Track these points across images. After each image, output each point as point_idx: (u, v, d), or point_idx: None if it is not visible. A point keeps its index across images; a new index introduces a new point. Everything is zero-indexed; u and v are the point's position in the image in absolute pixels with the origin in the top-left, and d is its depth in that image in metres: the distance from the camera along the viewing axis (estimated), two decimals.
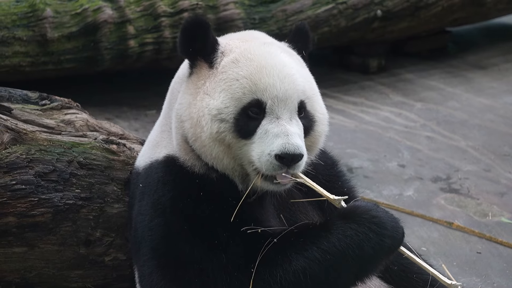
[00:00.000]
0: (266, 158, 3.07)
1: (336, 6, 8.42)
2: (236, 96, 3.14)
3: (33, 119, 3.88)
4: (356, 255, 3.04)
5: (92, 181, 3.75)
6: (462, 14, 9.57)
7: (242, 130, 3.14)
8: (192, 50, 3.26)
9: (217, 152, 3.17)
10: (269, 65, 3.18)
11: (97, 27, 7.38)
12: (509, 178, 6.40)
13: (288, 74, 3.20)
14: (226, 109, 3.13)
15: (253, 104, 3.15)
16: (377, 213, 3.10)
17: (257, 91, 3.15)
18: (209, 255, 3.11)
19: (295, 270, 3.03)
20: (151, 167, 3.41)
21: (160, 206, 3.26)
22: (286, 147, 3.03)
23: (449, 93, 8.70)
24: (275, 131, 3.09)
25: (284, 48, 3.38)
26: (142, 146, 3.97)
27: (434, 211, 5.81)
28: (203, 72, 3.25)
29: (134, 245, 3.44)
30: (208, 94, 3.17)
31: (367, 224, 3.06)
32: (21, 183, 3.57)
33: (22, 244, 3.63)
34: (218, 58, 3.25)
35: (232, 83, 3.16)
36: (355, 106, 8.23)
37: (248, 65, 3.18)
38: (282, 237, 3.10)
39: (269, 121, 3.13)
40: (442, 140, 7.30)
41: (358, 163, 6.66)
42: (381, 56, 9.42)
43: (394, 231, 3.10)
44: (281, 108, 3.15)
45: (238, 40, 3.34)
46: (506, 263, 5.07)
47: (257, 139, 3.12)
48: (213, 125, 3.13)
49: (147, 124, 7.44)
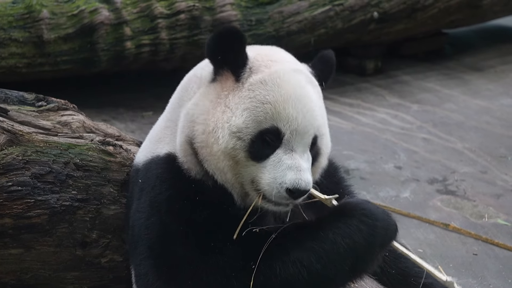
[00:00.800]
0: (276, 187, 3.11)
1: (332, 8, 8.43)
2: (258, 119, 3.14)
3: (30, 120, 3.87)
4: (349, 246, 3.05)
5: (88, 182, 3.74)
6: (459, 16, 9.59)
7: (256, 153, 3.15)
8: (222, 59, 3.23)
9: (223, 165, 3.18)
10: (296, 97, 3.18)
11: (93, 29, 7.38)
12: (505, 180, 6.41)
13: (311, 109, 3.22)
14: (246, 129, 3.13)
15: (272, 131, 3.16)
16: (367, 206, 3.14)
17: (278, 120, 3.15)
18: (204, 257, 3.12)
19: (293, 260, 3.05)
20: (151, 162, 3.40)
21: (157, 204, 3.26)
22: (298, 183, 3.08)
23: (445, 95, 8.71)
24: (289, 163, 3.13)
25: (310, 78, 3.36)
26: (138, 148, 3.96)
27: (431, 213, 5.82)
28: (228, 84, 3.23)
29: (132, 244, 3.43)
30: (230, 109, 3.17)
31: (357, 217, 3.09)
32: (17, 184, 3.56)
33: (18, 245, 3.62)
34: (246, 74, 3.22)
35: (257, 105, 3.16)
36: (351, 108, 8.24)
37: (275, 91, 3.18)
38: (280, 233, 3.12)
39: (284, 151, 3.15)
40: (438, 142, 7.31)
41: (354, 165, 6.67)
42: (377, 58, 9.43)
43: (386, 222, 3.12)
44: (298, 142, 3.18)
45: (266, 58, 3.30)
46: (502, 265, 5.08)
47: (269, 165, 3.15)
48: (230, 140, 3.13)
49: (143, 125, 7.44)
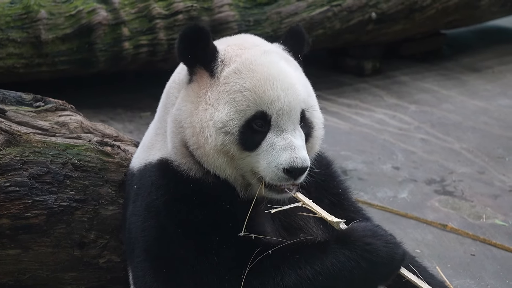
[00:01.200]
0: (273, 170, 3.11)
1: (331, 8, 8.43)
2: (241, 108, 3.14)
3: (27, 120, 3.87)
4: (347, 281, 3.05)
5: (86, 183, 3.74)
6: (457, 17, 9.60)
7: (247, 143, 3.15)
8: (191, 57, 3.24)
9: (220, 163, 3.18)
10: (272, 77, 3.17)
11: (91, 29, 7.38)
12: (503, 181, 6.42)
13: (291, 84, 3.20)
14: (231, 121, 3.13)
15: (258, 116, 3.15)
16: (372, 239, 3.09)
17: (261, 104, 3.15)
18: (202, 258, 3.12)
19: (286, 285, 3.05)
20: (145, 169, 3.41)
21: (154, 208, 3.26)
22: (294, 161, 3.08)
23: (443, 95, 8.71)
24: (281, 145, 3.12)
25: (282, 55, 3.36)
26: (136, 148, 3.97)
27: (428, 213, 5.82)
28: (204, 81, 3.23)
29: (129, 246, 3.44)
30: (212, 105, 3.17)
31: (359, 252, 3.05)
32: (15, 185, 3.56)
33: (16, 246, 3.62)
34: (219, 67, 3.22)
35: (236, 96, 3.15)
36: (349, 108, 8.24)
37: (251, 77, 3.17)
38: (278, 250, 3.12)
39: (275, 134, 3.15)
40: (436, 142, 7.31)
41: (352, 165, 6.67)
42: (375, 59, 9.43)
43: (389, 258, 3.08)
44: (286, 121, 3.17)
45: (236, 47, 3.31)
46: (500, 265, 5.08)
47: (263, 152, 3.15)
48: (218, 137, 3.13)
49: (141, 126, 7.44)
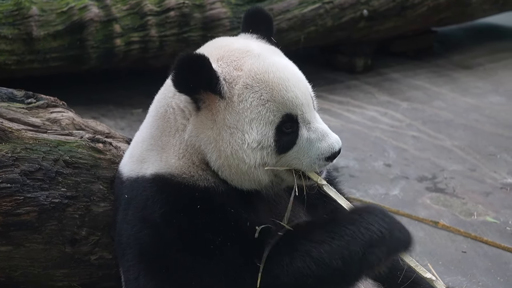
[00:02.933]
0: (315, 161, 3.23)
1: (322, 5, 8.43)
2: (268, 120, 3.17)
3: (19, 117, 3.86)
4: (364, 236, 3.08)
5: (78, 179, 3.73)
6: (448, 14, 9.61)
7: (283, 147, 3.20)
8: (194, 86, 3.17)
9: (258, 176, 3.22)
10: (282, 80, 3.20)
11: (83, 26, 7.37)
12: (494, 178, 6.43)
13: (297, 77, 3.28)
14: (264, 136, 3.16)
15: (286, 120, 3.19)
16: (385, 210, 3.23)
17: (285, 108, 3.18)
18: (205, 261, 3.11)
19: (301, 254, 3.06)
20: (137, 182, 3.38)
21: (151, 221, 3.24)
22: (334, 147, 3.22)
23: (434, 92, 8.73)
24: (315, 136, 3.24)
25: (270, 50, 3.38)
26: (128, 145, 3.96)
27: (420, 211, 5.83)
28: (215, 105, 3.19)
29: (119, 249, 3.43)
30: (236, 128, 3.16)
31: (377, 214, 3.18)
32: (6, 181, 3.55)
33: (7, 243, 3.61)
34: (224, 87, 3.18)
35: (259, 110, 3.16)
36: (341, 106, 8.25)
37: (264, 88, 3.18)
38: (287, 231, 3.16)
39: (306, 128, 3.24)
40: (427, 139, 7.32)
41: (344, 163, 6.67)
42: (367, 56, 9.45)
43: (403, 228, 3.23)
44: (308, 113, 3.25)
45: (228, 60, 3.26)
46: (491, 262, 5.09)
47: (300, 148, 3.23)
48: (256, 155, 3.16)
49: (133, 123, 7.43)
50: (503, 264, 5.09)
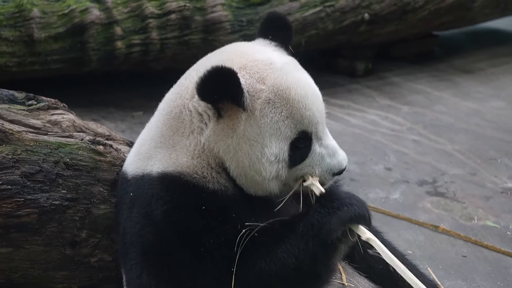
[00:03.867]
0: (324, 175, 3.33)
1: (323, 9, 8.43)
2: (286, 136, 3.23)
3: (20, 119, 3.86)
4: (306, 229, 3.13)
5: (78, 181, 3.73)
6: (449, 18, 9.61)
7: (296, 161, 3.27)
8: (218, 97, 3.18)
9: (271, 187, 3.29)
10: (302, 97, 3.26)
11: (84, 28, 7.37)
12: (495, 182, 6.43)
13: (316, 95, 3.37)
14: (281, 150, 3.22)
15: (301, 136, 3.27)
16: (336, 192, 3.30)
17: (301, 125, 3.26)
18: (200, 261, 3.14)
19: (262, 254, 3.12)
20: (143, 179, 3.38)
21: (154, 218, 3.25)
22: (342, 164, 3.36)
23: (435, 97, 8.73)
24: (327, 153, 3.34)
25: (291, 63, 3.40)
26: (128, 147, 3.96)
27: (420, 215, 5.83)
28: (237, 116, 3.22)
29: (122, 249, 3.43)
30: (256, 141, 3.21)
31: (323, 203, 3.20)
32: (7, 183, 3.55)
33: (7, 244, 3.61)
34: (247, 100, 3.21)
35: (279, 126, 3.22)
36: (342, 109, 8.25)
37: (285, 105, 3.23)
38: (260, 230, 3.17)
39: (318, 144, 3.33)
40: (428, 143, 7.32)
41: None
42: (368, 60, 9.45)
43: (347, 199, 3.22)
44: (322, 129, 3.35)
45: (251, 71, 3.27)
46: (491, 267, 5.09)
47: (311, 162, 3.32)
48: (273, 168, 3.23)
49: (133, 125, 7.43)
50: (503, 268, 5.09)
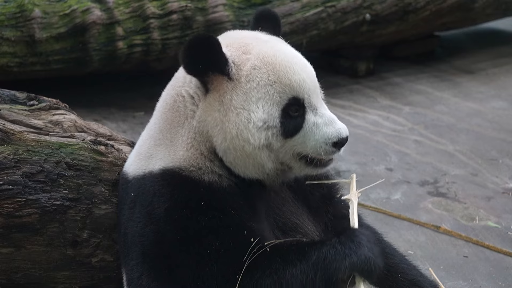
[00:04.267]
0: (322, 146, 3.23)
1: (325, 9, 8.43)
2: (275, 100, 3.20)
3: (21, 119, 3.87)
4: (316, 262, 3.11)
5: (79, 182, 3.73)
6: (450, 19, 9.61)
7: (290, 130, 3.22)
8: (203, 67, 3.22)
9: (262, 159, 3.23)
10: (290, 63, 3.26)
11: (85, 28, 7.37)
12: (496, 183, 6.42)
13: (305, 63, 3.35)
14: (270, 116, 3.19)
15: (292, 103, 3.22)
16: (360, 239, 3.18)
17: (292, 90, 3.22)
18: (202, 263, 3.13)
19: (271, 272, 3.12)
20: (144, 179, 3.39)
21: (155, 216, 3.26)
22: (340, 133, 3.23)
23: (437, 97, 8.72)
24: (323, 121, 3.25)
25: (279, 39, 3.46)
26: (130, 148, 3.96)
27: (421, 215, 5.82)
28: (223, 87, 3.23)
29: (124, 250, 3.44)
30: (242, 108, 3.19)
31: (344, 243, 3.15)
32: (8, 183, 3.55)
33: (8, 244, 3.62)
34: (233, 69, 3.23)
35: (266, 90, 3.20)
36: (343, 110, 8.25)
37: (272, 69, 3.23)
38: (274, 247, 3.16)
39: (312, 113, 3.26)
40: (429, 144, 7.32)
41: (345, 167, 6.67)
42: (369, 60, 9.44)
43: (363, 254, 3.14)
44: (315, 98, 3.30)
45: (237, 45, 3.32)
46: (492, 267, 5.08)
47: (306, 133, 3.24)
48: (261, 135, 3.18)
49: (135, 125, 7.43)
50: (505, 269, 5.08)
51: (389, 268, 3.62)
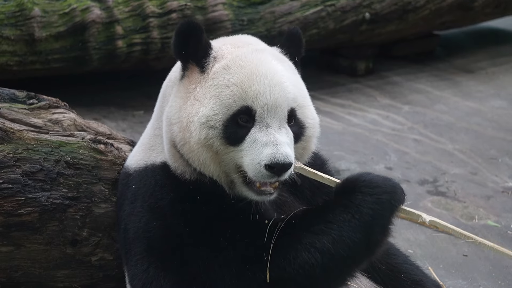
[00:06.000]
0: (256, 167, 3.07)
1: (324, 8, 8.43)
2: (226, 103, 3.13)
3: (21, 118, 3.86)
4: (357, 220, 3.07)
5: (79, 180, 3.73)
6: (450, 18, 9.61)
7: (231, 137, 3.13)
8: (185, 53, 3.25)
9: (204, 158, 3.17)
10: (260, 73, 3.17)
11: (85, 27, 7.37)
12: (496, 182, 6.43)
13: (279, 82, 3.18)
14: (215, 116, 3.12)
15: (243, 111, 3.13)
16: (367, 177, 3.17)
17: (247, 98, 3.13)
18: (214, 253, 3.11)
19: (305, 245, 3.06)
20: (146, 170, 3.39)
21: (159, 209, 3.25)
22: (275, 157, 3.03)
23: (436, 96, 8.73)
24: (264, 140, 3.09)
25: (276, 55, 3.36)
26: (129, 146, 3.97)
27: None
28: (194, 76, 3.24)
29: (124, 246, 3.43)
30: (198, 100, 3.17)
31: (359, 189, 3.12)
32: (8, 182, 3.55)
33: (8, 243, 3.62)
34: (210, 63, 3.23)
35: (222, 90, 3.15)
36: (342, 109, 8.25)
37: (239, 72, 3.17)
38: (287, 222, 3.14)
39: (258, 129, 3.12)
40: (429, 143, 7.32)
41: (345, 165, 6.67)
42: (369, 59, 9.45)
43: (389, 187, 3.14)
44: (271, 117, 3.14)
45: (230, 46, 3.33)
46: (492, 266, 5.09)
47: (246, 147, 3.11)
48: (202, 131, 3.12)
49: (134, 124, 7.43)
50: (504, 268, 5.09)
51: (393, 268, 3.62)
